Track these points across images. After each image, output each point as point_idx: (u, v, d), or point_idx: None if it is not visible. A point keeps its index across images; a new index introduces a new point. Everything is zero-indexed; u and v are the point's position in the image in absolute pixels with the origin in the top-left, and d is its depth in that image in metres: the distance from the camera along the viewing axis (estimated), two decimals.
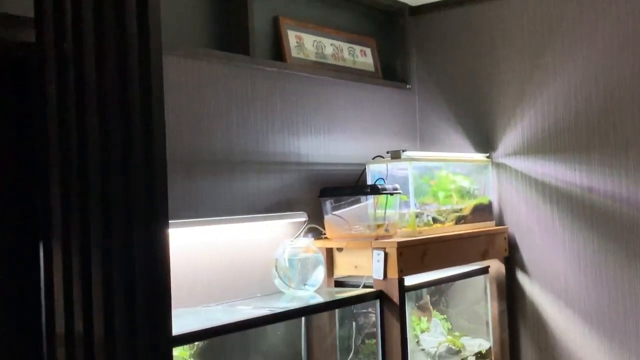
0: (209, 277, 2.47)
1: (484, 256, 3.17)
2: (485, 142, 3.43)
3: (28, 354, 1.84)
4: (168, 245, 1.65)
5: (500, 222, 3.38)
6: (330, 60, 3.13)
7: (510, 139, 3.34)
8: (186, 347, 2.04)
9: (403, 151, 2.92)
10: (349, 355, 2.81)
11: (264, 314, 2.21)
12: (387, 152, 2.97)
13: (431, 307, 3.24)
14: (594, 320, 3.12)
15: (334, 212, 2.78)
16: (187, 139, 2.44)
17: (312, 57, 3.04)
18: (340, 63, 3.19)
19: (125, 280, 1.65)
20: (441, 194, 3.11)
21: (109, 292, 1.66)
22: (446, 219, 3.07)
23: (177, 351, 1.98)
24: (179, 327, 1.85)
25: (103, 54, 1.67)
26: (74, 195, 1.73)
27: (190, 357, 2.05)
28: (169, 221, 1.66)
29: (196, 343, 2.08)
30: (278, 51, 2.89)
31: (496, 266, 3.30)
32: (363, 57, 3.33)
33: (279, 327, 2.72)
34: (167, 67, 1.93)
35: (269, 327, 2.67)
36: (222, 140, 2.55)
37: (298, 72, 2.90)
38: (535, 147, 3.27)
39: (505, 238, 3.30)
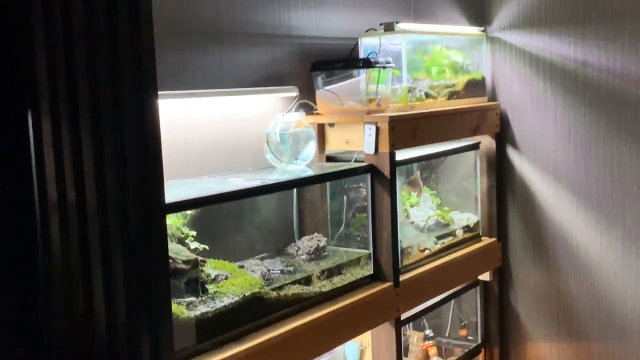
0: (201, 151, 2.46)
1: (475, 132, 3.18)
2: (480, 15, 3.35)
3: (21, 223, 1.85)
4: (158, 115, 1.64)
5: (493, 97, 3.36)
6: None
7: (506, 11, 3.27)
8: (179, 215, 2.07)
9: (396, 23, 2.85)
10: (339, 228, 2.86)
11: (257, 185, 2.23)
12: (380, 25, 2.90)
13: (421, 183, 3.27)
14: (582, 194, 3.17)
15: (325, 87, 2.75)
16: (174, 8, 2.36)
17: None
18: None
19: (116, 150, 1.64)
20: (434, 69, 3.07)
21: (100, 161, 1.66)
22: (438, 94, 3.05)
23: (170, 220, 2.00)
24: (171, 196, 1.86)
25: None
26: (59, 64, 1.69)
27: (183, 226, 2.08)
28: (158, 92, 1.64)
29: (189, 212, 2.10)
30: None
31: (487, 142, 3.31)
32: None
33: (271, 201, 2.75)
34: None
35: (261, 201, 2.70)
36: (210, 11, 2.48)
37: None
38: (530, 20, 3.21)
39: (497, 114, 3.30)
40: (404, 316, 2.79)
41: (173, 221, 2.03)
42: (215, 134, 2.52)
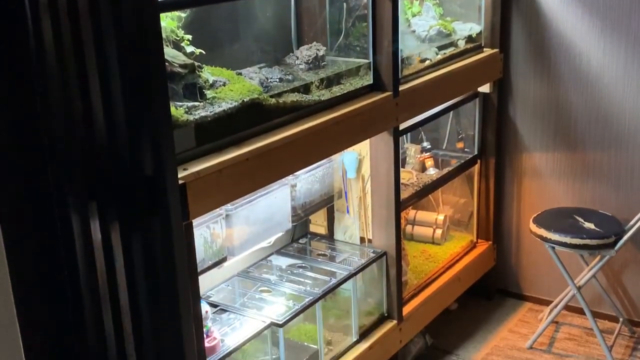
0: None
1: None
2: None
3: (13, 26, 1.80)
4: None
5: None
6: None
7: None
8: (174, 17, 2.01)
9: None
10: (339, 37, 2.80)
11: None
12: None
13: None
14: (588, 1, 3.08)
15: None
16: None
17: None
18: None
19: None
20: None
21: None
22: None
23: (164, 22, 1.95)
24: None
25: None
26: None
27: (178, 29, 2.03)
28: None
29: (184, 15, 2.04)
30: None
31: None
32: None
33: (268, 9, 2.68)
34: None
35: (258, 8, 2.62)
36: None
37: None
38: None
39: None
40: (402, 126, 2.81)
41: (167, 23, 1.97)
42: None
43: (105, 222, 1.87)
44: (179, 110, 1.93)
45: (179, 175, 1.85)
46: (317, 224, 3.06)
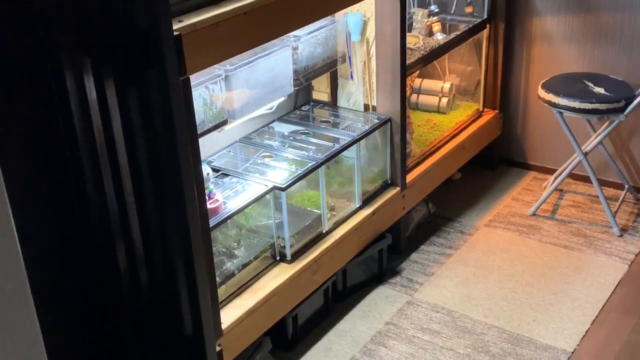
0: None
1: None
2: None
3: None
4: None
5: None
6: None
7: None
8: None
9: None
10: None
11: None
12: None
13: None
14: None
15: None
16: None
17: None
18: None
19: None
20: None
21: None
22: None
23: None
24: None
25: None
26: None
27: None
28: None
29: None
30: None
31: None
32: None
33: None
34: None
35: None
36: None
37: None
38: None
39: None
40: None
41: None
42: None
43: (100, 79, 1.80)
44: None
45: (174, 27, 1.77)
46: (320, 90, 2.98)
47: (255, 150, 2.61)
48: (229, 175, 2.43)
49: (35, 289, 1.45)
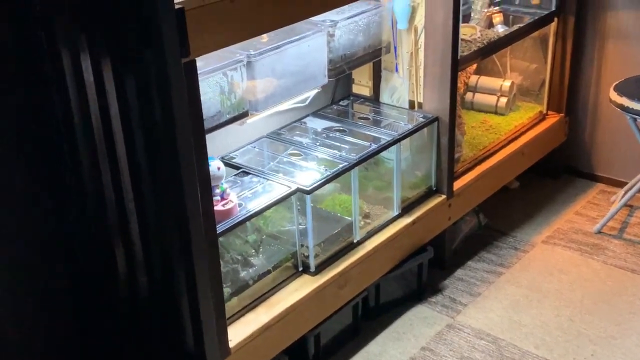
0: None
1: None
2: None
3: None
4: None
5: None
6: None
7: None
8: None
9: None
10: None
11: None
12: None
13: None
14: None
15: None
16: None
17: None
18: None
19: None
20: None
21: None
22: None
23: None
24: None
25: None
26: None
27: None
28: None
29: None
30: None
31: None
32: None
33: None
34: None
35: None
36: None
37: None
38: None
39: None
40: None
41: None
42: None
43: (97, 60, 1.61)
44: None
45: (177, 0, 1.52)
46: (361, 84, 2.70)
47: (283, 148, 2.36)
48: (250, 173, 2.19)
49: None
